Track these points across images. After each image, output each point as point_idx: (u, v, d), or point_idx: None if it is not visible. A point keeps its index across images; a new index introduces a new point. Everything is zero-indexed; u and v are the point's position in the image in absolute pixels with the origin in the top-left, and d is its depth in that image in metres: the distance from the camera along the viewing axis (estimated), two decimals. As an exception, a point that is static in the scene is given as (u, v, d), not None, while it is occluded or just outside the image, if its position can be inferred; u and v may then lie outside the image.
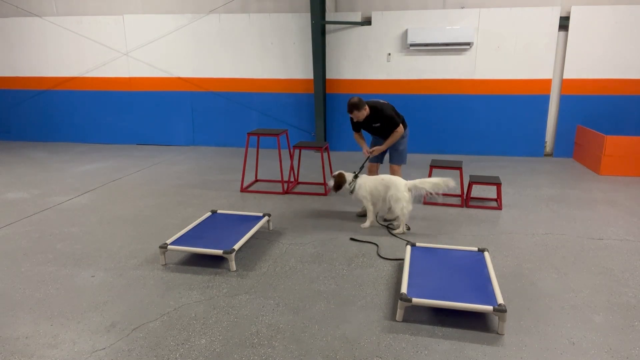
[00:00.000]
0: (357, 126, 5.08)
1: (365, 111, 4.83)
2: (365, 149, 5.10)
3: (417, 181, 4.56)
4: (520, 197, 5.80)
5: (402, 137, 5.03)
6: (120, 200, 5.76)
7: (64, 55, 9.30)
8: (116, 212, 5.31)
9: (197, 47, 8.82)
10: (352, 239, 4.47)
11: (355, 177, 4.82)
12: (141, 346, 2.82)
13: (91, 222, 4.99)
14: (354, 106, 4.77)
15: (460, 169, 5.55)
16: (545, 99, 7.96)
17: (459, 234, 4.62)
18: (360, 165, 5.20)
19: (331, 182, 4.86)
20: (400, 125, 4.88)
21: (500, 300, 2.99)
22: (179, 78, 9.03)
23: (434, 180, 4.51)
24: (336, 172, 4.91)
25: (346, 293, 3.46)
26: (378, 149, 5.03)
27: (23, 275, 3.76)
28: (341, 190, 4.85)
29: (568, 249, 4.24)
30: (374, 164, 5.29)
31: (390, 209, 4.73)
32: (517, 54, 7.85)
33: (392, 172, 5.10)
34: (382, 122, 4.88)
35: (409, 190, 4.55)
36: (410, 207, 4.56)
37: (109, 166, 7.57)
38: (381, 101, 4.99)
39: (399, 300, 3.05)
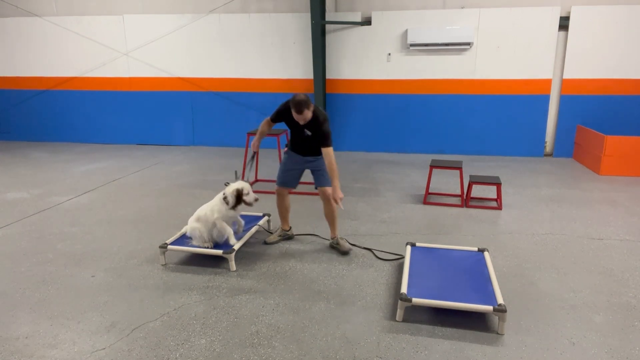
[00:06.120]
0: (288, 121, 4.01)
1: (309, 115, 3.82)
2: (255, 145, 4.25)
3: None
4: (520, 197, 5.80)
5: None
6: (120, 200, 5.76)
7: (64, 55, 9.29)
8: (116, 212, 5.31)
9: (197, 47, 8.81)
10: (350, 244, 4.35)
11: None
12: (141, 346, 2.82)
13: (91, 222, 4.99)
14: (303, 104, 3.69)
15: (460, 169, 5.55)
16: (545, 99, 7.96)
17: (459, 234, 4.61)
18: (246, 166, 4.61)
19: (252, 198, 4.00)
20: (331, 148, 3.86)
21: (500, 300, 2.99)
22: (179, 78, 9.03)
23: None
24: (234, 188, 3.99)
25: (346, 293, 3.46)
26: (333, 191, 3.84)
27: (23, 275, 3.76)
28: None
29: (568, 249, 4.24)
30: (286, 188, 4.33)
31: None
32: (517, 54, 7.84)
33: (325, 195, 4.15)
34: (317, 134, 3.91)
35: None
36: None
37: (109, 166, 7.57)
38: (324, 112, 3.99)
39: (399, 300, 3.05)
